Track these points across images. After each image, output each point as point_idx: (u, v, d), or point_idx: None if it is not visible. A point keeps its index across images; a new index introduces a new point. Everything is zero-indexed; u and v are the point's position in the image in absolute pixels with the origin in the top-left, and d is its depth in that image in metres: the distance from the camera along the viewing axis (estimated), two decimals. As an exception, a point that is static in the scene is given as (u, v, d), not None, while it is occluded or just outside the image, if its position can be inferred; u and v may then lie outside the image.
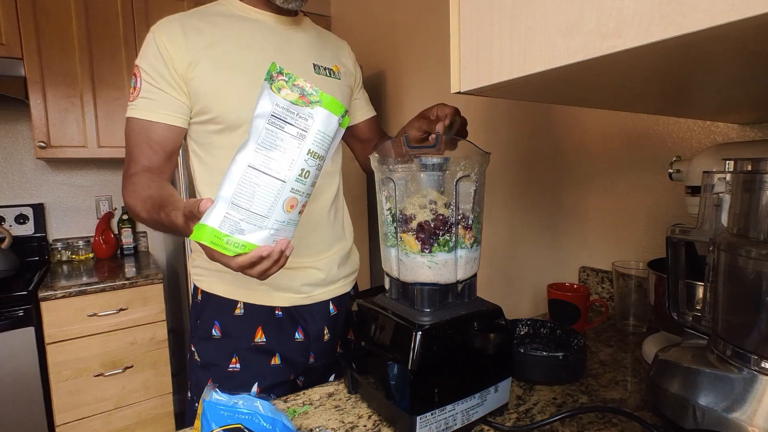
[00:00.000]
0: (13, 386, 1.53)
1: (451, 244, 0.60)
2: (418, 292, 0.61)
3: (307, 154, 0.54)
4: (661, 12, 0.24)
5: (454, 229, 0.60)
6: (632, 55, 0.27)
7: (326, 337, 0.91)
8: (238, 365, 0.84)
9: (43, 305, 1.57)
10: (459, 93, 0.40)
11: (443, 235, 0.60)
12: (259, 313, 0.86)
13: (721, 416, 0.45)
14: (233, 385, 0.83)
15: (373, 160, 0.65)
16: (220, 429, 0.47)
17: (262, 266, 0.57)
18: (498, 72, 0.35)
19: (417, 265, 0.61)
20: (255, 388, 0.84)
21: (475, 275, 0.65)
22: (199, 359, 0.86)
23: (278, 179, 0.53)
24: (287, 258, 0.59)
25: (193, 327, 0.89)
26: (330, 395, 0.71)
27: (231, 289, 0.85)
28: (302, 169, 0.54)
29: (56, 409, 1.61)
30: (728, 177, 0.50)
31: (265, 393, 0.83)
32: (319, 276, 0.89)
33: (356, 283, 1.03)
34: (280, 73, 0.53)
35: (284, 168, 0.53)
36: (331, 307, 0.93)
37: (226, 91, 0.80)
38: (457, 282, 0.62)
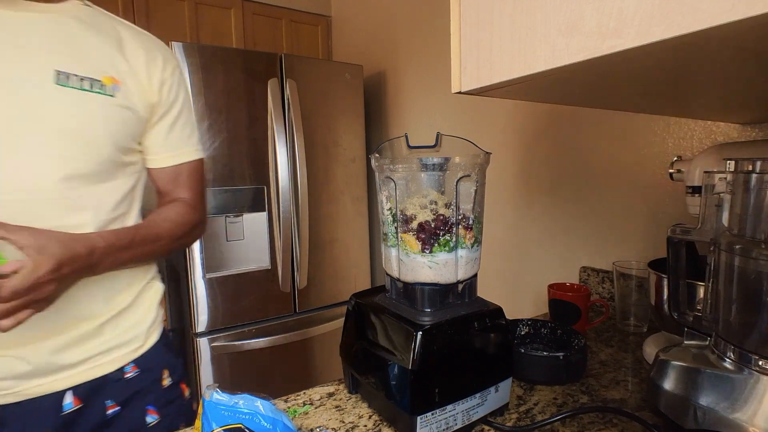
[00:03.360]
0: (13, 386, 1.53)
1: (451, 244, 0.60)
2: (419, 292, 0.61)
3: None
4: (662, 12, 0.24)
5: (454, 229, 0.60)
6: (632, 55, 0.27)
7: None
8: None
9: (44, 305, 1.57)
10: (459, 93, 0.40)
11: (444, 235, 0.60)
12: None
13: (722, 416, 0.45)
14: None
15: (374, 160, 0.65)
16: (220, 429, 0.47)
17: None
18: (498, 72, 0.35)
19: (417, 265, 0.61)
20: None
21: (475, 275, 0.65)
22: None
23: None
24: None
25: None
26: (330, 395, 0.71)
27: None
28: None
29: (57, 409, 1.61)
30: (729, 177, 0.50)
31: None
32: (23, 368, 0.64)
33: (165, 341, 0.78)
34: None
35: None
36: (70, 400, 0.68)
37: None
38: (458, 282, 0.62)
